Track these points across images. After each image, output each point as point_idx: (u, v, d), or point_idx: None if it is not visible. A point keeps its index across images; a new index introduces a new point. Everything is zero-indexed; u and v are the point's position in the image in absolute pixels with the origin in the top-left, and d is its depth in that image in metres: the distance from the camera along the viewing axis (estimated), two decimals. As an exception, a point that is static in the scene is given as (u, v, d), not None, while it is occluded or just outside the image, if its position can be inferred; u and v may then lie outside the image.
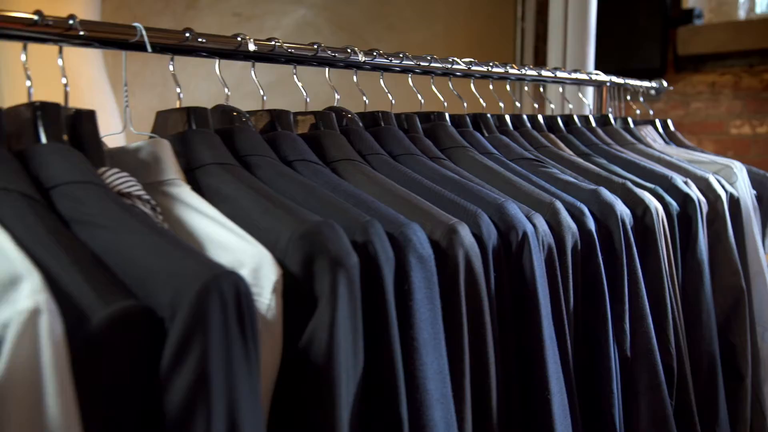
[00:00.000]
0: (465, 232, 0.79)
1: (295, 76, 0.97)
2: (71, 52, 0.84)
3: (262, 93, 0.94)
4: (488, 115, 1.17)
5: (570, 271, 0.95)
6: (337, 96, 1.01)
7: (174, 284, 0.52)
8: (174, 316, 0.51)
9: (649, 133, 1.55)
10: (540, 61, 3.84)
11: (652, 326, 1.05)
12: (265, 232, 0.67)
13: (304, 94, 0.98)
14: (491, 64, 1.19)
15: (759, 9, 3.59)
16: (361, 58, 1.00)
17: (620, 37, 3.70)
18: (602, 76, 1.48)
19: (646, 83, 1.62)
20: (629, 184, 1.13)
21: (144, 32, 0.77)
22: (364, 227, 0.70)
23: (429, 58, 1.10)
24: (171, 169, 0.72)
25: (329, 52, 0.97)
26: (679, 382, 1.11)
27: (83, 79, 1.87)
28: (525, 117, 1.25)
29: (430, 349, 0.72)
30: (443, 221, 0.79)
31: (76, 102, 0.73)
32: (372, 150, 0.93)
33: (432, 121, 1.08)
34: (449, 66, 1.12)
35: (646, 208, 1.10)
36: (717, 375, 1.22)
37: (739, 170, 1.44)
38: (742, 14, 3.56)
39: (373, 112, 1.00)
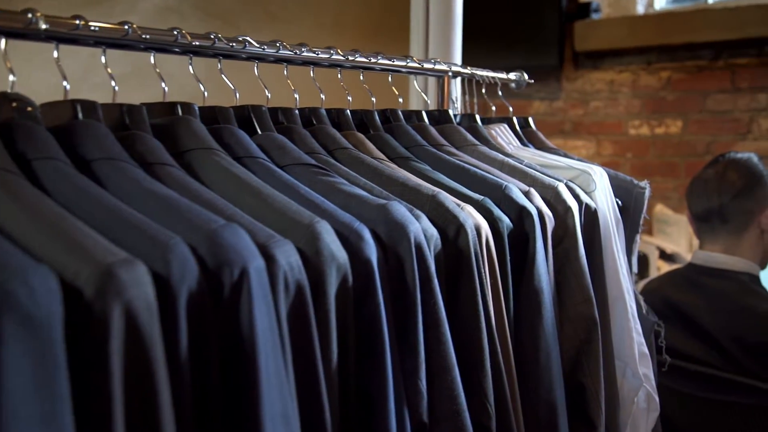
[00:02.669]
0: (131, 275, 0.53)
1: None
2: None
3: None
4: (264, 108, 0.91)
5: (332, 318, 0.71)
6: (163, 84, 0.88)
7: None
8: None
9: (501, 133, 1.33)
10: (437, 56, 3.65)
11: (459, 380, 0.82)
12: None
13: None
14: (299, 49, 0.94)
15: (658, 4, 3.45)
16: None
17: (519, 33, 3.54)
18: (442, 65, 1.25)
19: (501, 75, 1.40)
20: (442, 196, 0.89)
21: None
22: None
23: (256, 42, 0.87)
24: None
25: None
26: (501, 446, 0.88)
27: None
28: (323, 111, 1.00)
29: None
30: (96, 260, 0.53)
31: None
32: (44, 154, 0.66)
33: (175, 115, 0.82)
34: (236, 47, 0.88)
35: (459, 227, 0.87)
36: (558, 427, 1.00)
37: (599, 176, 1.23)
38: (640, 9, 3.42)
39: (73, 101, 0.74)
